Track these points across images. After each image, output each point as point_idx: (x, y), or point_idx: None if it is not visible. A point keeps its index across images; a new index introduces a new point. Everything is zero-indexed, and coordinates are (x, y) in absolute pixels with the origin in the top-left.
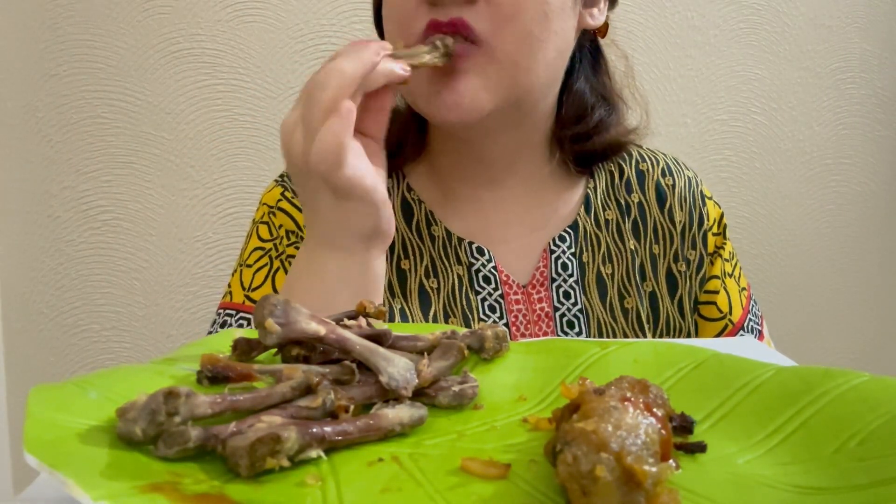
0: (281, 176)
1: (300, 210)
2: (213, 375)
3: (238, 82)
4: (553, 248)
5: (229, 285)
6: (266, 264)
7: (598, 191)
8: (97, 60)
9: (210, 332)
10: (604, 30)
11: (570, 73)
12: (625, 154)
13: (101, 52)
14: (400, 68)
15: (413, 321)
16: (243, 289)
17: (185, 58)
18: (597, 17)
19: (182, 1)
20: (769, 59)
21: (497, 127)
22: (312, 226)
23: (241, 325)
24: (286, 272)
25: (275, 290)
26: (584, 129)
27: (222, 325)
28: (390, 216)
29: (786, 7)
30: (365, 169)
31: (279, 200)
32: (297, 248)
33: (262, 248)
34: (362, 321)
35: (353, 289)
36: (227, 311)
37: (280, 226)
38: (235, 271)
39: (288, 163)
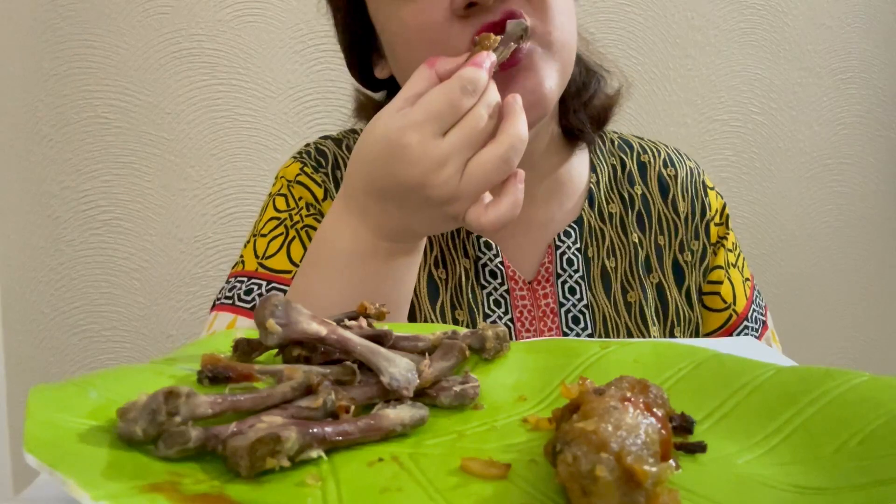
0: (299, 153)
1: (319, 185)
2: (214, 375)
3: (238, 82)
4: (558, 243)
5: (241, 255)
6: (282, 233)
7: (602, 185)
8: (97, 60)
9: (218, 299)
10: None
11: None
12: (626, 147)
13: (101, 52)
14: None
15: (421, 311)
16: (256, 257)
17: (185, 58)
18: None
19: (182, 1)
20: (769, 59)
21: None
22: (395, 235)
23: (250, 290)
24: (301, 242)
25: (289, 258)
26: (586, 98)
27: (230, 291)
28: None
29: (786, 7)
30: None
31: (298, 175)
32: (317, 220)
33: (277, 218)
34: (363, 321)
35: (410, 288)
36: (238, 278)
37: (300, 197)
38: (248, 241)
39: (423, 186)
